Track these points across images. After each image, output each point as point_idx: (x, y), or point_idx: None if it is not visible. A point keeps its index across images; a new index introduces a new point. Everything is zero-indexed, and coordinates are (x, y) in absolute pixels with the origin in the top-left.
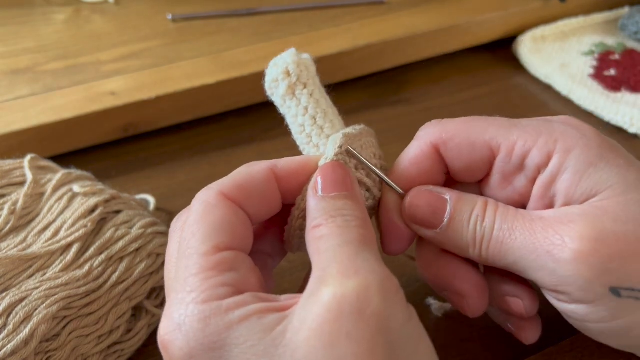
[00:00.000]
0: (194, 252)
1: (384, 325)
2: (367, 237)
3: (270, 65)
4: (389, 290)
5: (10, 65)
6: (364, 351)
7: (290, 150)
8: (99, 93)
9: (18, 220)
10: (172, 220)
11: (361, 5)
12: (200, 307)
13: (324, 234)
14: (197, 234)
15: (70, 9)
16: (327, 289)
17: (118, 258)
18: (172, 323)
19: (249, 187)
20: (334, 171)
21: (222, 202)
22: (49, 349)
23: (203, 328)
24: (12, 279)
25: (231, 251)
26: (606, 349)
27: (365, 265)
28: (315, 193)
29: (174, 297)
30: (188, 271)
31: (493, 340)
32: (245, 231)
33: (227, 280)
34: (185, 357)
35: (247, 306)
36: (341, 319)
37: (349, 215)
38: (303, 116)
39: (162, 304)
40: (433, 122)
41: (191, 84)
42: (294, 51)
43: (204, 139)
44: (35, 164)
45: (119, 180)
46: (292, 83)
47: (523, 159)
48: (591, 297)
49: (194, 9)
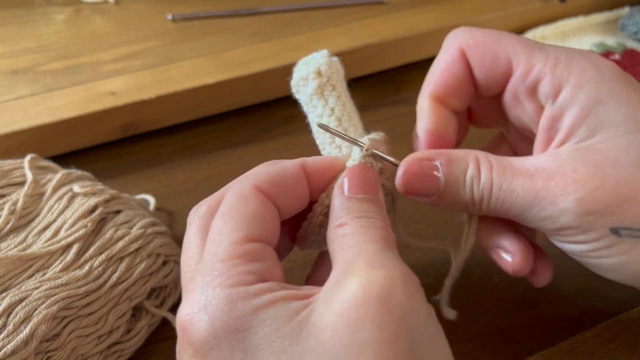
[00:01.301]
0: (224, 240)
1: (406, 317)
2: (390, 239)
3: (300, 64)
4: (412, 285)
5: (10, 65)
6: (387, 338)
7: (291, 150)
8: (99, 93)
9: (18, 220)
10: (172, 220)
11: (361, 5)
12: (228, 291)
13: (349, 232)
14: (229, 222)
15: (70, 9)
16: (353, 277)
17: (118, 258)
18: (197, 304)
19: (282, 182)
20: (361, 174)
21: (256, 195)
22: (49, 349)
23: (230, 310)
24: (12, 279)
25: (260, 243)
26: (606, 350)
27: (389, 261)
28: (342, 192)
29: (200, 280)
30: (216, 257)
31: (493, 340)
32: (274, 225)
33: (253, 269)
34: (209, 338)
35: (273, 292)
36: (367, 306)
37: (373, 217)
38: (329, 117)
39: (162, 304)
40: (462, 28)
41: (191, 84)
42: (327, 52)
43: (204, 139)
44: (35, 164)
45: (119, 180)
46: (322, 83)
47: (536, 85)
48: (592, 237)
49: (194, 9)
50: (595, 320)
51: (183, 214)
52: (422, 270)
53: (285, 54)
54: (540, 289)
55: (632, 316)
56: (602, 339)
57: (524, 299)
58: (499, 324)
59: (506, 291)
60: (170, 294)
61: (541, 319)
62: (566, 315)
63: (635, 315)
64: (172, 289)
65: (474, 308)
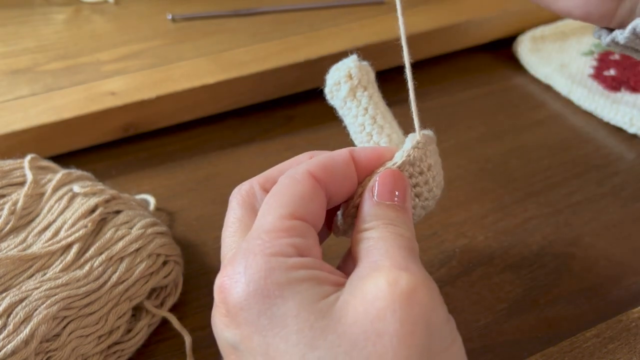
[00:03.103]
0: (271, 213)
1: (427, 316)
2: (414, 250)
3: (332, 70)
4: (434, 290)
5: (10, 65)
6: (405, 331)
7: (291, 150)
8: (99, 93)
9: (18, 221)
10: (172, 220)
11: (361, 5)
12: (267, 258)
13: (375, 236)
14: (278, 200)
15: (70, 9)
16: (380, 274)
17: (118, 258)
18: (237, 267)
19: (332, 167)
20: (393, 180)
21: (307, 179)
22: (49, 349)
23: (266, 276)
24: (12, 279)
25: (304, 222)
26: (606, 350)
27: (414, 266)
28: (371, 197)
29: (244, 247)
30: (262, 228)
31: (493, 340)
32: (320, 210)
33: (295, 243)
34: (241, 299)
35: (308, 270)
36: (390, 299)
37: (400, 226)
38: (363, 116)
39: (162, 304)
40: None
41: (191, 84)
42: (356, 57)
43: (204, 139)
44: (35, 164)
45: (119, 180)
46: (354, 86)
47: None
48: None
49: (194, 9)
50: (595, 320)
51: (183, 214)
52: None
53: (285, 54)
54: (540, 289)
55: (632, 316)
56: (602, 339)
57: (524, 299)
58: (499, 324)
59: (506, 291)
60: (170, 294)
61: (541, 319)
62: (566, 315)
63: (635, 315)
64: (172, 289)
65: (474, 308)
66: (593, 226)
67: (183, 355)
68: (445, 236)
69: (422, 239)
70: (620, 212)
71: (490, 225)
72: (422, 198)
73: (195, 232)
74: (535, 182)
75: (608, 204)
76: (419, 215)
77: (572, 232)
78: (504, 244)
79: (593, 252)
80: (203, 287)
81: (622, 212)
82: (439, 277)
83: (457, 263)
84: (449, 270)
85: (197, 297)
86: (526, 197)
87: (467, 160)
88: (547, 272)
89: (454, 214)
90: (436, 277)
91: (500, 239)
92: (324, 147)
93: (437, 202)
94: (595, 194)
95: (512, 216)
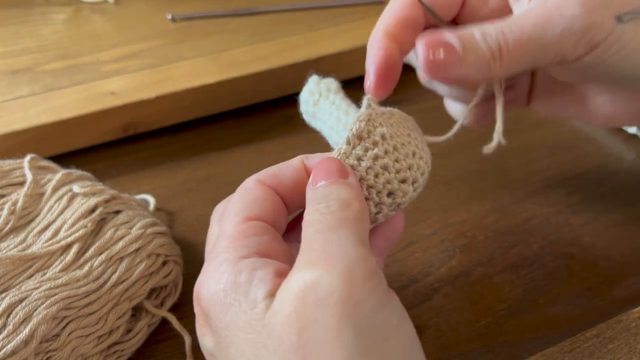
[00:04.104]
0: (229, 221)
1: (350, 312)
2: (348, 219)
3: (300, 95)
4: (358, 276)
5: (10, 65)
6: (330, 336)
7: (291, 150)
8: (99, 93)
9: (18, 221)
10: (172, 220)
11: (361, 5)
12: (220, 264)
13: (307, 220)
14: (233, 207)
15: (70, 8)
16: (295, 277)
17: (118, 258)
18: (202, 276)
19: (282, 174)
20: (323, 164)
21: (257, 185)
22: (49, 349)
23: (217, 282)
24: (12, 279)
25: (259, 221)
26: (606, 350)
27: (336, 252)
28: (309, 186)
29: (208, 256)
30: (222, 236)
31: (493, 340)
32: (277, 209)
33: (249, 243)
34: (207, 306)
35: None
36: (307, 307)
37: (333, 199)
38: (329, 120)
39: (162, 304)
40: None
41: (191, 84)
42: (316, 76)
43: (204, 139)
44: (35, 164)
45: (119, 180)
46: (316, 99)
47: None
48: (604, 33)
49: (194, 9)
50: (595, 320)
51: (183, 214)
52: (422, 270)
53: (285, 54)
54: (540, 289)
55: (632, 316)
56: (602, 339)
57: (524, 299)
58: (499, 324)
59: (506, 291)
60: (170, 294)
61: (541, 319)
62: (566, 315)
63: (635, 315)
64: (172, 289)
65: (474, 308)
66: (593, 226)
67: (183, 355)
68: (445, 236)
69: (422, 238)
70: (620, 212)
71: (490, 225)
72: (392, 170)
73: (195, 232)
74: (535, 182)
75: (608, 204)
76: (404, 191)
77: (572, 232)
78: (504, 244)
79: (593, 252)
80: None
81: (622, 212)
82: (438, 277)
83: (457, 263)
84: (449, 270)
85: None
86: (526, 197)
87: (467, 160)
88: (547, 272)
89: (454, 214)
90: (436, 277)
91: (500, 239)
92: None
93: (426, 176)
94: (595, 194)
95: (512, 216)
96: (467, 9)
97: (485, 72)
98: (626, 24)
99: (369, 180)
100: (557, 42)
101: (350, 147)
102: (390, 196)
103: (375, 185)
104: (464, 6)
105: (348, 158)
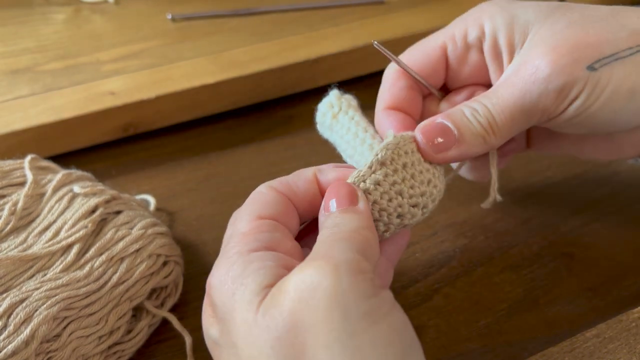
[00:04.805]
0: (242, 219)
1: (339, 298)
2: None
3: (319, 106)
4: (349, 270)
5: (10, 65)
6: (321, 317)
7: (291, 150)
8: (99, 93)
9: (18, 221)
10: (172, 220)
11: (361, 5)
12: (231, 257)
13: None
14: (246, 208)
15: (70, 8)
16: (296, 269)
17: (118, 259)
18: (215, 268)
19: (294, 184)
20: (336, 189)
21: (270, 189)
22: (50, 350)
23: (226, 272)
24: (13, 280)
25: (271, 220)
26: (606, 350)
27: (335, 254)
28: (321, 212)
29: (223, 249)
30: (235, 232)
31: (493, 340)
32: (289, 212)
33: (260, 237)
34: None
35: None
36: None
37: (343, 225)
38: (346, 135)
39: (162, 305)
40: None
41: (191, 84)
42: (337, 90)
43: (204, 139)
44: (35, 165)
45: (119, 180)
46: (336, 112)
47: (465, 39)
48: (580, 85)
49: (194, 9)
50: (595, 321)
51: (183, 214)
52: (422, 270)
53: (284, 54)
54: (540, 289)
55: (632, 316)
56: (602, 339)
57: (524, 299)
58: (499, 324)
59: (506, 291)
60: (170, 295)
61: (541, 319)
62: (566, 315)
63: (635, 316)
64: (173, 289)
65: (474, 308)
66: (593, 226)
67: (183, 355)
68: (445, 236)
69: (422, 239)
70: (620, 212)
71: (490, 225)
72: (406, 195)
73: (195, 232)
74: (535, 182)
75: (608, 204)
76: (413, 214)
77: (572, 232)
78: (504, 244)
79: (593, 252)
80: (203, 287)
81: (622, 212)
82: (439, 277)
83: (457, 263)
84: (449, 270)
85: (197, 297)
86: (526, 197)
87: None
88: (547, 272)
89: (454, 214)
90: (436, 277)
91: (500, 239)
92: (324, 147)
93: (437, 202)
94: (595, 194)
95: (512, 216)
96: (451, 74)
97: (483, 146)
98: (599, 70)
99: (382, 205)
100: (537, 106)
101: (371, 171)
102: (399, 217)
103: (387, 208)
104: (448, 71)
105: (365, 182)
